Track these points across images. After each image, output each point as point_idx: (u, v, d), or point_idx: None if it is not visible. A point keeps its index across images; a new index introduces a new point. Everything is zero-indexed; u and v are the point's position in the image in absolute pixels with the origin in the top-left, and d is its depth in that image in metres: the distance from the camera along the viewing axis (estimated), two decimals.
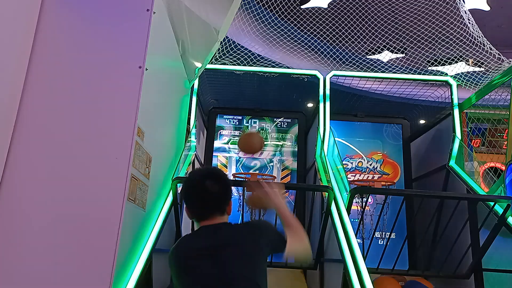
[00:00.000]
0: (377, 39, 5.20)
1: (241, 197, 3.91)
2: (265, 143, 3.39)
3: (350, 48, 5.12)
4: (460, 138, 3.96)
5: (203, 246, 1.49)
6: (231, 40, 4.44)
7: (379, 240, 4.47)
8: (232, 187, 1.73)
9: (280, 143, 5.22)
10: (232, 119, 5.27)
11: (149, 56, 2.05)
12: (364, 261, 2.39)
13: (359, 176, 4.97)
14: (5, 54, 1.82)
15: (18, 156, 1.86)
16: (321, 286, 3.16)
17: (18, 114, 1.90)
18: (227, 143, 5.17)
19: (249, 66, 4.51)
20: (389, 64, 4.96)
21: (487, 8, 5.41)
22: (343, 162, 4.91)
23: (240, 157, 5.12)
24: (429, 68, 5.18)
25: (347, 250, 2.50)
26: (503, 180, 3.24)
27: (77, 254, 1.74)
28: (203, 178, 1.58)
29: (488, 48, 4.41)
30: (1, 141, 1.83)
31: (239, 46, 4.53)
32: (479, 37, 4.42)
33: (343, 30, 5.04)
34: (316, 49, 5.00)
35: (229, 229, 1.58)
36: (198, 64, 3.39)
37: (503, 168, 3.35)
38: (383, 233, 4.43)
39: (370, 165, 5.04)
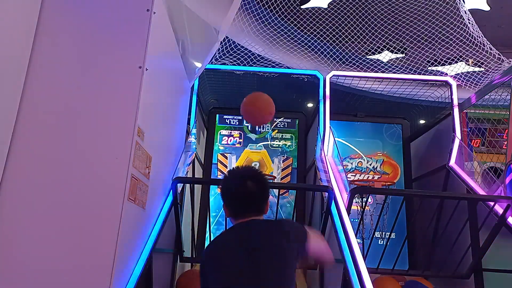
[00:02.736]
0: (377, 39, 5.20)
1: None
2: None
3: (350, 48, 5.11)
4: (460, 138, 3.96)
5: (237, 242, 1.54)
6: (231, 40, 4.44)
7: (379, 240, 4.47)
8: None
9: (280, 143, 5.22)
10: (232, 119, 5.26)
11: (149, 56, 2.05)
12: (364, 261, 2.39)
13: (359, 176, 4.97)
14: (5, 54, 1.82)
15: (18, 156, 1.86)
16: (321, 286, 3.16)
17: (18, 114, 1.91)
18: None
19: (249, 66, 4.51)
20: (389, 64, 4.96)
21: (487, 8, 5.40)
22: (343, 162, 4.91)
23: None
24: (429, 68, 5.17)
25: (347, 250, 2.50)
26: (503, 180, 3.24)
27: (77, 254, 1.75)
28: (245, 179, 1.62)
29: (488, 48, 4.41)
30: (1, 141, 1.83)
31: (239, 46, 4.52)
32: (479, 37, 4.41)
33: (343, 30, 5.03)
34: (316, 49, 4.99)
35: (261, 225, 1.62)
36: (198, 64, 3.39)
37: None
38: (383, 233, 4.43)
39: (370, 165, 5.03)
